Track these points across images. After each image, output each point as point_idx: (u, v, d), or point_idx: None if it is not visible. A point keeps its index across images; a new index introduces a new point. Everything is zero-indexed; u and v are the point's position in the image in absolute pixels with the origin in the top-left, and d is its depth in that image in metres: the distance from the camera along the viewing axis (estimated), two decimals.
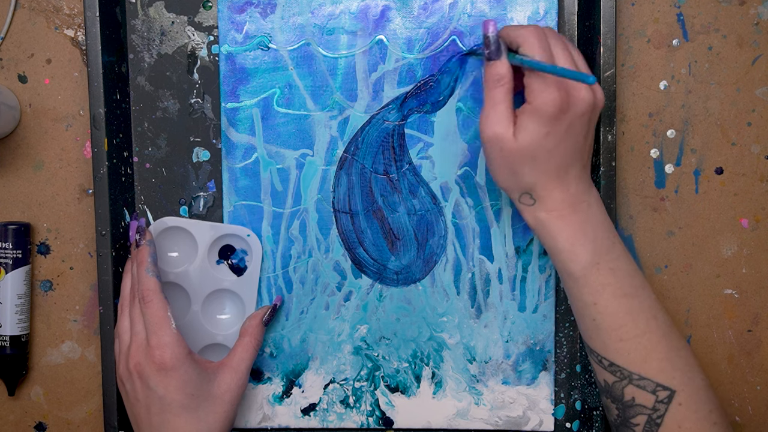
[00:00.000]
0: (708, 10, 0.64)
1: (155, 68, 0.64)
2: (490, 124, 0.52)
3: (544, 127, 0.51)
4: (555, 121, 0.51)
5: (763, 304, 0.65)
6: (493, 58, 0.53)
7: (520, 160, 0.52)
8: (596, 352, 0.54)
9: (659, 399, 0.52)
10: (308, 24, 0.63)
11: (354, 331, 0.65)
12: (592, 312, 0.54)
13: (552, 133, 0.51)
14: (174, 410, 0.56)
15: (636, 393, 0.53)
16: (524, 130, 0.52)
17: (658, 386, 0.52)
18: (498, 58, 0.53)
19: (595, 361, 0.55)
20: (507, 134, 0.52)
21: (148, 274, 0.58)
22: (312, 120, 0.64)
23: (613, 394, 0.54)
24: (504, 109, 0.52)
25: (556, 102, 0.51)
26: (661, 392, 0.52)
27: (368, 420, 0.66)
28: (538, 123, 0.51)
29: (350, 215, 0.64)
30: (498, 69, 0.53)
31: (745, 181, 0.65)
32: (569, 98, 0.51)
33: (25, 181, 0.65)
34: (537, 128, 0.51)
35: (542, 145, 0.52)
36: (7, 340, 0.64)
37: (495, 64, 0.53)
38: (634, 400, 0.53)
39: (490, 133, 0.52)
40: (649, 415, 0.53)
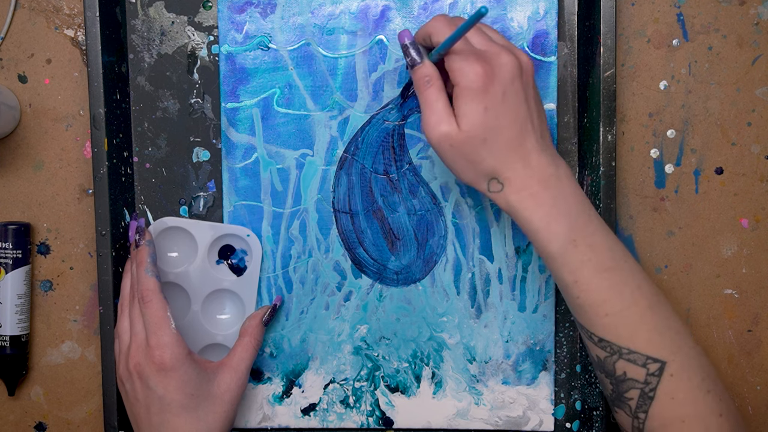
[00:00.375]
0: (708, 10, 0.64)
1: (155, 68, 0.64)
2: (433, 125, 0.52)
3: (480, 104, 0.51)
4: (487, 93, 0.51)
5: (763, 304, 0.65)
6: (416, 63, 0.54)
7: (472, 148, 0.52)
8: (585, 328, 0.54)
9: (650, 372, 0.52)
10: (308, 24, 0.63)
11: (354, 331, 0.65)
12: (574, 290, 0.53)
13: (489, 107, 0.51)
14: (173, 410, 0.56)
15: (627, 367, 0.52)
16: (464, 115, 0.51)
17: (648, 359, 0.52)
18: (420, 61, 0.53)
19: (585, 337, 0.54)
20: (452, 129, 0.52)
21: (148, 274, 0.58)
22: (312, 120, 0.64)
23: (606, 369, 0.54)
24: (441, 106, 0.52)
25: (479, 74, 0.51)
26: (651, 365, 0.52)
27: (368, 420, 0.66)
28: (473, 101, 0.51)
29: (350, 215, 0.64)
30: (423, 71, 0.53)
31: (745, 181, 0.65)
32: (492, 67, 0.51)
33: (25, 181, 0.66)
34: (474, 107, 0.51)
35: (486, 123, 0.51)
36: (7, 340, 0.64)
37: (419, 68, 0.53)
38: (626, 374, 0.53)
39: (435, 134, 0.52)
40: (642, 388, 0.52)
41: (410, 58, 0.54)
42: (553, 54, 0.63)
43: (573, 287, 0.53)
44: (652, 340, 0.52)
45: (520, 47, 0.62)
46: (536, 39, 0.63)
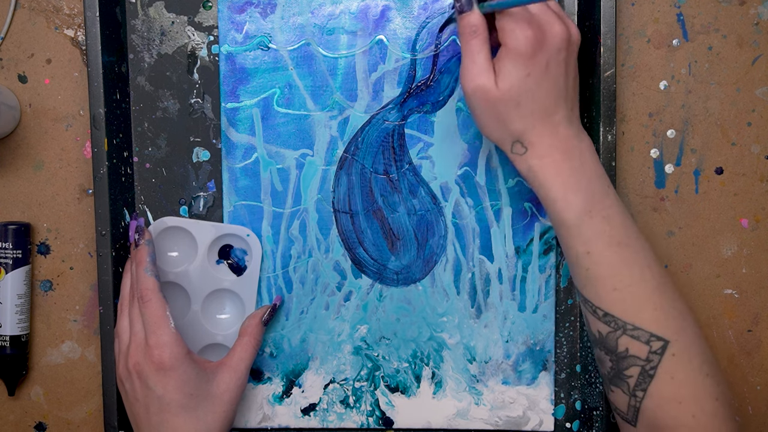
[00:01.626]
0: (708, 10, 0.64)
1: (155, 68, 0.64)
2: (471, 77, 0.52)
3: (523, 68, 0.51)
4: (532, 59, 0.51)
5: (763, 304, 0.65)
6: (465, 10, 0.53)
7: (505, 107, 0.52)
8: (590, 302, 0.54)
9: (653, 350, 0.52)
10: (308, 24, 0.63)
11: (354, 331, 0.65)
12: (585, 261, 0.53)
13: (532, 73, 0.51)
14: (173, 410, 0.56)
15: (630, 343, 0.52)
16: (505, 75, 0.51)
17: (652, 336, 0.52)
18: (469, 9, 0.53)
19: (589, 311, 0.54)
20: (489, 83, 0.52)
21: (147, 273, 0.58)
22: (312, 120, 0.64)
23: (607, 345, 0.54)
24: (482, 59, 0.52)
25: (529, 39, 0.51)
26: (654, 342, 0.52)
27: (368, 420, 0.66)
28: (517, 64, 0.51)
29: (350, 215, 0.64)
30: (471, 19, 0.53)
31: (745, 181, 0.65)
32: (543, 34, 0.51)
33: (25, 181, 0.66)
34: (516, 70, 0.51)
35: (524, 88, 0.51)
36: (7, 340, 0.64)
37: (467, 15, 0.53)
38: (628, 350, 0.52)
39: (472, 85, 0.52)
40: (643, 366, 0.52)
41: (459, 3, 0.53)
42: None
43: (585, 258, 0.53)
44: (657, 318, 0.52)
45: None
46: None
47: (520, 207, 0.64)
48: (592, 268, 0.53)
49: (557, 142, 0.53)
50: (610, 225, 0.53)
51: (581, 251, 0.53)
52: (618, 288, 0.52)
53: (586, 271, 0.53)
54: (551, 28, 0.52)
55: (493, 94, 0.52)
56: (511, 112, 0.52)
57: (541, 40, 0.51)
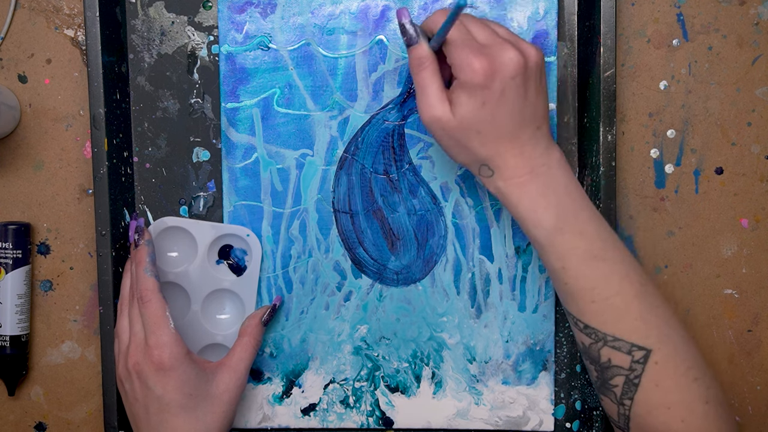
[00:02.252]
0: (708, 10, 0.64)
1: (155, 68, 0.64)
2: (426, 108, 0.52)
3: (478, 98, 0.51)
4: (486, 89, 0.50)
5: (763, 304, 0.65)
6: (413, 43, 0.53)
7: (466, 136, 0.52)
8: (571, 314, 0.54)
9: (635, 359, 0.52)
10: (308, 24, 0.63)
11: (354, 331, 0.65)
12: (562, 276, 0.53)
13: (487, 102, 0.51)
14: (172, 410, 0.56)
15: (612, 354, 0.52)
16: (460, 106, 0.51)
17: (633, 346, 0.52)
18: (417, 42, 0.53)
19: (571, 323, 0.55)
20: (444, 114, 0.52)
21: (147, 273, 0.58)
22: (312, 120, 0.64)
23: (591, 356, 0.54)
24: (434, 90, 0.52)
25: (479, 71, 0.50)
26: (636, 352, 0.52)
27: (368, 420, 0.66)
28: (471, 95, 0.51)
29: (350, 215, 0.64)
30: (418, 52, 0.53)
31: (745, 181, 0.65)
32: (493, 63, 0.50)
33: (25, 181, 0.66)
34: (471, 101, 0.51)
35: (482, 117, 0.51)
36: (7, 340, 0.64)
37: (414, 49, 0.53)
38: (611, 361, 0.53)
39: (428, 117, 0.52)
40: (627, 375, 0.52)
41: (407, 37, 0.53)
42: (553, 54, 0.63)
43: (561, 273, 0.53)
44: (637, 327, 0.52)
45: None
46: (536, 39, 0.62)
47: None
48: (569, 283, 0.53)
49: (523, 162, 0.53)
50: (585, 240, 0.53)
51: (557, 266, 0.53)
52: (596, 301, 0.53)
53: (564, 286, 0.54)
54: (502, 56, 0.51)
55: (451, 124, 0.52)
56: (473, 140, 0.52)
57: (491, 70, 0.50)
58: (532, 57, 0.52)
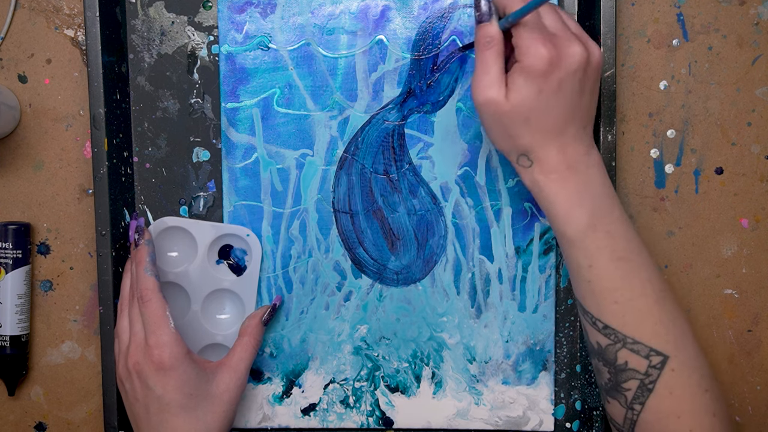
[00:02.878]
0: (708, 10, 0.64)
1: (155, 68, 0.64)
2: (482, 88, 0.52)
3: (535, 86, 0.51)
4: (545, 78, 0.50)
5: (763, 304, 0.65)
6: (484, 20, 0.52)
7: (514, 122, 0.52)
8: (590, 314, 0.54)
9: (652, 364, 0.52)
10: (308, 24, 0.63)
11: (354, 331, 0.65)
12: (587, 274, 0.53)
13: (544, 91, 0.51)
14: (172, 410, 0.56)
15: (629, 357, 0.52)
16: (516, 91, 0.51)
17: (651, 351, 0.52)
18: (488, 19, 0.52)
19: (588, 323, 0.54)
20: (499, 97, 0.51)
21: (147, 273, 0.58)
22: (312, 120, 0.64)
23: (606, 357, 0.54)
24: (495, 71, 0.52)
25: (544, 58, 0.50)
26: (654, 357, 0.52)
27: (368, 420, 0.66)
28: (529, 81, 0.51)
29: (350, 215, 0.64)
30: (488, 30, 0.52)
31: (745, 181, 0.65)
32: (559, 54, 0.50)
33: (25, 181, 0.66)
34: (528, 87, 0.51)
35: (535, 105, 0.51)
36: (7, 340, 0.64)
37: (485, 26, 0.52)
38: (627, 364, 0.52)
39: (482, 97, 0.52)
40: (642, 380, 0.52)
41: (479, 13, 0.52)
42: None
43: (587, 271, 0.53)
44: (657, 332, 0.52)
45: None
46: None
47: (520, 207, 0.64)
48: (593, 281, 0.53)
49: (564, 158, 0.52)
50: (614, 239, 0.53)
51: (583, 264, 0.53)
52: (619, 302, 0.52)
53: (588, 284, 0.53)
54: (568, 49, 0.51)
55: (503, 108, 0.51)
56: (520, 127, 0.52)
57: (556, 59, 0.50)
58: (596, 56, 0.52)
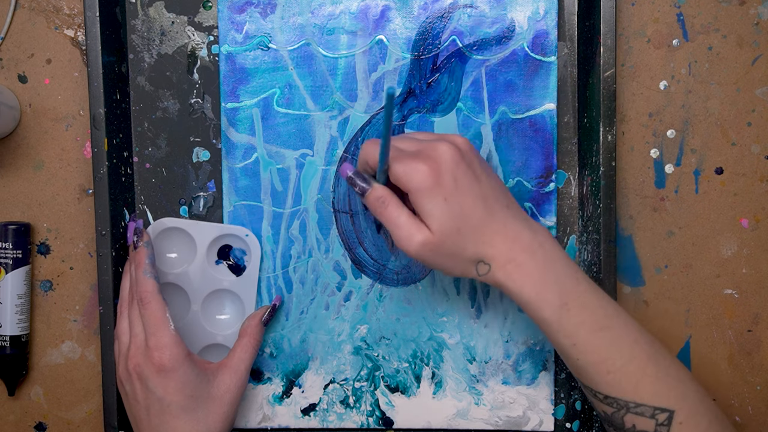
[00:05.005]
0: (708, 10, 0.64)
1: (155, 68, 0.64)
2: (407, 241, 0.52)
3: (439, 198, 0.51)
4: (440, 185, 0.51)
5: (763, 304, 0.65)
6: (366, 190, 0.53)
7: (451, 243, 0.52)
8: (589, 387, 0.54)
9: (659, 422, 0.52)
10: (308, 24, 0.63)
11: (354, 331, 0.65)
12: (573, 353, 0.53)
13: (448, 196, 0.51)
14: (173, 411, 0.56)
15: (636, 420, 0.53)
16: (430, 217, 0.51)
17: (655, 410, 0.52)
18: (369, 187, 0.53)
19: (589, 396, 0.55)
20: (425, 236, 0.51)
21: (146, 275, 0.58)
22: (312, 120, 0.64)
23: (615, 424, 0.54)
24: (405, 219, 0.52)
25: (424, 171, 0.51)
26: (660, 415, 0.52)
27: (368, 420, 0.66)
28: (431, 199, 0.51)
29: (350, 215, 0.64)
30: (375, 194, 0.53)
31: (745, 181, 0.65)
32: (433, 160, 0.51)
33: (25, 181, 0.66)
34: (434, 203, 0.51)
35: (452, 213, 0.51)
36: (7, 340, 0.64)
37: (370, 193, 0.53)
38: (635, 427, 0.53)
39: (413, 248, 0.52)
40: None
41: (358, 188, 0.53)
42: (553, 54, 0.63)
43: (572, 350, 0.53)
44: (657, 391, 0.52)
45: (520, 47, 0.62)
46: (536, 39, 0.63)
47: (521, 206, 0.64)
48: (581, 358, 0.53)
49: (512, 243, 0.53)
50: (589, 311, 0.53)
51: (567, 344, 0.53)
52: (611, 371, 0.52)
53: (577, 361, 0.53)
54: (436, 151, 0.51)
55: (434, 241, 0.51)
56: (457, 242, 0.52)
57: (434, 166, 0.51)
58: (461, 144, 0.53)
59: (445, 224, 0.51)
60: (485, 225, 0.52)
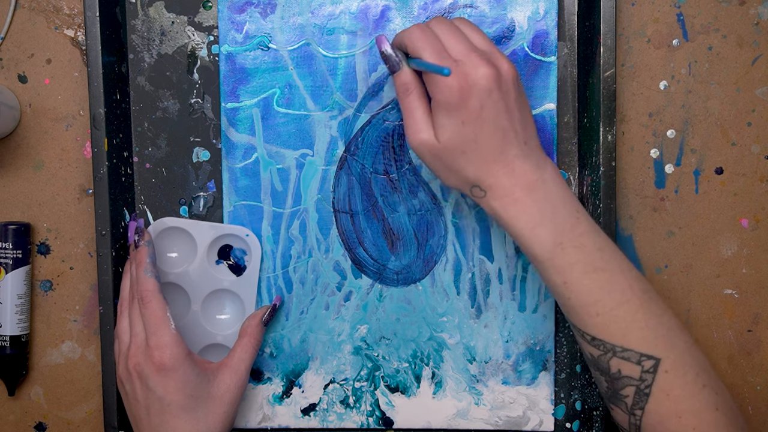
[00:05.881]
0: (708, 10, 0.64)
1: (155, 68, 0.64)
2: (413, 133, 0.53)
3: (457, 118, 0.51)
4: (463, 108, 0.50)
5: (763, 304, 0.65)
6: (396, 70, 0.53)
7: (452, 158, 0.52)
8: (578, 327, 0.54)
9: (645, 369, 0.52)
10: (308, 24, 0.63)
11: (354, 331, 0.65)
12: (564, 291, 0.53)
13: (466, 121, 0.51)
14: (173, 411, 0.56)
15: (621, 365, 0.52)
16: (441, 128, 0.51)
17: (642, 356, 0.52)
18: (399, 68, 0.53)
19: (578, 336, 0.54)
20: (430, 138, 0.52)
21: (147, 274, 0.58)
22: (312, 120, 0.64)
23: (601, 367, 0.54)
24: (420, 114, 0.52)
25: (453, 89, 0.50)
26: (646, 362, 0.52)
27: (368, 420, 0.66)
28: (449, 115, 0.51)
29: (350, 215, 0.64)
30: (402, 79, 0.53)
31: (745, 181, 0.65)
32: (467, 81, 0.50)
33: (25, 181, 0.66)
34: (450, 121, 0.51)
35: (464, 137, 0.51)
36: (7, 340, 0.64)
37: (398, 75, 0.53)
38: (621, 372, 0.52)
39: (415, 142, 0.53)
40: (637, 386, 0.52)
41: (390, 65, 0.54)
42: (553, 54, 0.63)
43: (563, 288, 0.53)
44: (645, 337, 0.52)
45: (520, 47, 0.62)
46: (536, 39, 0.63)
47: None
48: (572, 297, 0.53)
49: (515, 179, 0.52)
50: (584, 253, 0.52)
51: (558, 282, 0.53)
52: (601, 313, 0.52)
53: (567, 300, 0.53)
54: (475, 72, 0.51)
55: (436, 147, 0.52)
56: (459, 161, 0.52)
57: (466, 87, 0.50)
58: (506, 71, 0.52)
59: (453, 142, 0.51)
60: (493, 157, 0.52)
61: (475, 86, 0.50)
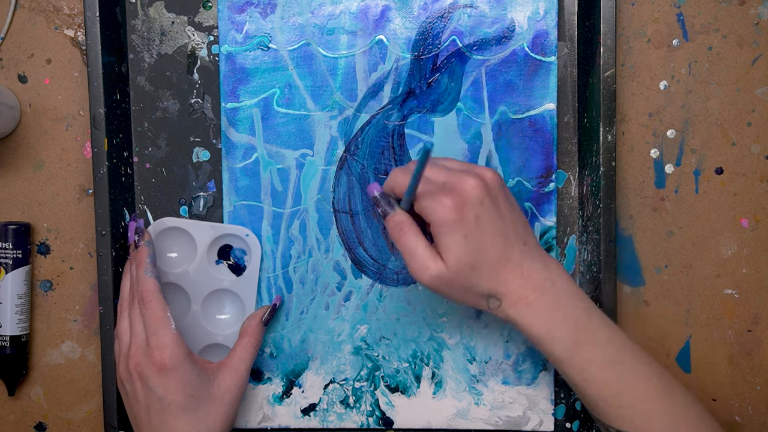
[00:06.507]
0: (708, 10, 0.64)
1: (155, 68, 0.64)
2: (422, 271, 0.52)
3: (458, 233, 0.51)
4: (462, 221, 0.51)
5: (763, 304, 0.65)
6: (388, 213, 0.54)
7: (464, 278, 0.52)
8: (601, 421, 0.54)
9: None
10: (308, 24, 0.63)
11: (354, 331, 0.65)
12: (584, 388, 0.53)
13: (468, 233, 0.51)
14: (173, 411, 0.56)
15: None
16: (447, 250, 0.52)
17: None
18: (392, 210, 0.54)
19: (603, 428, 0.55)
20: (439, 269, 0.52)
21: (147, 275, 0.58)
22: (312, 120, 0.64)
23: None
24: (422, 250, 0.52)
25: (448, 205, 0.51)
26: None
27: (368, 420, 0.66)
28: (451, 233, 0.51)
29: (350, 215, 0.64)
30: (395, 219, 0.53)
31: (745, 181, 0.65)
32: (459, 194, 0.51)
33: (25, 181, 0.66)
34: (454, 238, 0.51)
35: (470, 249, 0.52)
36: (7, 340, 0.64)
37: (391, 217, 0.54)
38: None
39: (426, 278, 0.52)
40: None
41: (382, 209, 0.54)
42: (553, 54, 0.63)
43: (583, 385, 0.53)
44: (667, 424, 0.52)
45: (520, 47, 0.62)
46: (536, 39, 0.63)
47: (521, 207, 0.64)
48: (593, 392, 0.53)
49: (525, 282, 0.53)
50: (600, 348, 0.53)
51: (578, 379, 0.53)
52: (623, 406, 0.52)
53: (588, 396, 0.54)
54: (463, 186, 0.52)
55: (448, 276, 0.52)
56: (471, 278, 0.52)
57: (459, 201, 0.51)
58: (489, 178, 0.53)
59: (462, 260, 0.52)
60: (501, 263, 0.53)
61: (467, 198, 0.51)
